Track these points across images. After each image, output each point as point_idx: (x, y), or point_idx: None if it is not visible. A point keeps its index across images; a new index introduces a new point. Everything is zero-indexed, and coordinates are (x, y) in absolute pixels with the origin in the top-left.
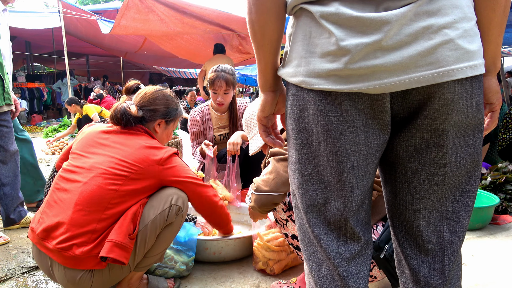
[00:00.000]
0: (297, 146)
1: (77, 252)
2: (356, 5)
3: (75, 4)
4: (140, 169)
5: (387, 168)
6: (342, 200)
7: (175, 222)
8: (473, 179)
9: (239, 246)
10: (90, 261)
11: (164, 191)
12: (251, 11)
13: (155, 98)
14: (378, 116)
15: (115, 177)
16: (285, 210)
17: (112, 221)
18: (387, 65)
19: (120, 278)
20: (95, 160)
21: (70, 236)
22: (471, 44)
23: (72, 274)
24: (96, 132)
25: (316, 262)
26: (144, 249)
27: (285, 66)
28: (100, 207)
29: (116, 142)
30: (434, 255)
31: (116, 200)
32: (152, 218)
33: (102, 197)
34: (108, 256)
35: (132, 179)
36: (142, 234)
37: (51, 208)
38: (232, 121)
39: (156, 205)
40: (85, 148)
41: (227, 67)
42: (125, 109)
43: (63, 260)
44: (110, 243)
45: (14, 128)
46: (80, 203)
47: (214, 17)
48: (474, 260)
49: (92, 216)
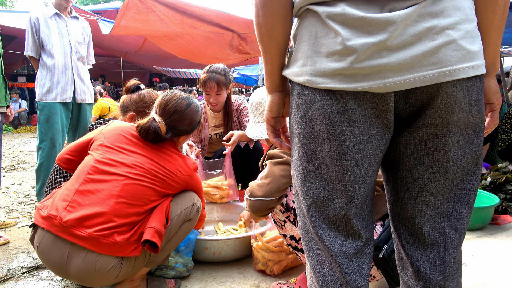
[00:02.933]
0: (301, 144)
1: (118, 239)
2: (362, 6)
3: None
4: (176, 177)
5: (389, 166)
6: (345, 198)
7: (193, 219)
8: (474, 177)
9: (239, 246)
10: (127, 247)
11: (186, 192)
12: (259, 14)
13: (184, 119)
14: (382, 115)
15: (155, 178)
16: (283, 212)
17: (146, 214)
18: (392, 64)
19: (139, 270)
20: (135, 159)
21: (112, 226)
22: (473, 45)
23: (106, 261)
24: (128, 129)
25: (318, 260)
26: (166, 240)
27: (290, 66)
28: (141, 202)
29: (152, 146)
30: (435, 252)
31: (154, 197)
32: (178, 213)
33: (144, 193)
34: (152, 240)
35: (168, 184)
36: (169, 226)
37: (84, 197)
38: (227, 120)
39: (181, 202)
40: (119, 144)
41: (219, 67)
42: (157, 130)
43: (100, 247)
44: (153, 229)
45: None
46: (123, 196)
47: (214, 18)
48: (474, 260)
49: (134, 209)
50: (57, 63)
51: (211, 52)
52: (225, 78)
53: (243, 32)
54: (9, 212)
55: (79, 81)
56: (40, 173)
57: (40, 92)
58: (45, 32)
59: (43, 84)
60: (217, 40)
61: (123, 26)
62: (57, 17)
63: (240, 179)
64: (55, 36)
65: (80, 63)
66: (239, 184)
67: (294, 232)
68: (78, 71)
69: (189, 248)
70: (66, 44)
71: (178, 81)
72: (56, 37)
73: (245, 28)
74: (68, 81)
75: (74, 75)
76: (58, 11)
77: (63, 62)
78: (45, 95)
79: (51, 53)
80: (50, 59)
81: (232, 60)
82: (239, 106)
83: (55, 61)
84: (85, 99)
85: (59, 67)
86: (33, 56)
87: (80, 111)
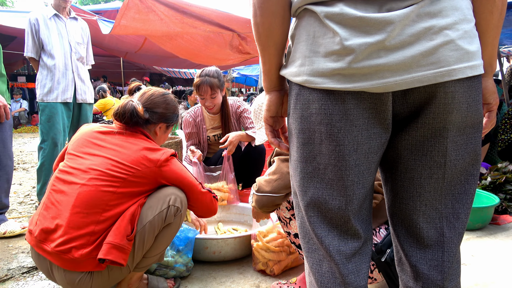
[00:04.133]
0: (299, 144)
1: (76, 255)
2: (360, 6)
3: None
4: (138, 171)
5: (388, 166)
6: (343, 198)
7: (173, 223)
8: (472, 177)
9: (239, 246)
10: (89, 263)
11: (162, 191)
12: (256, 14)
13: (162, 102)
14: (380, 115)
15: (112, 179)
16: (289, 209)
17: (110, 222)
18: (390, 64)
19: (120, 279)
20: (91, 161)
21: (68, 239)
22: (471, 45)
23: (72, 276)
24: (91, 132)
25: (317, 260)
26: (143, 250)
27: (288, 66)
28: (98, 209)
29: (113, 143)
30: (434, 252)
31: (114, 202)
32: (150, 219)
33: (100, 199)
34: (106, 258)
35: (129, 181)
36: (140, 235)
37: (48, 210)
38: (225, 122)
39: (154, 205)
40: (80, 149)
41: (212, 70)
42: (135, 108)
43: (62, 262)
44: (108, 245)
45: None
46: (77, 205)
47: (214, 17)
48: (474, 260)
49: (90, 218)
50: (57, 63)
51: (211, 52)
52: (218, 80)
53: (243, 31)
54: (9, 212)
55: (80, 81)
56: (41, 173)
57: (41, 92)
58: (45, 33)
59: (44, 84)
60: (217, 40)
61: (123, 26)
62: (56, 18)
63: (241, 179)
64: (55, 37)
65: (80, 64)
66: (239, 184)
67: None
68: (78, 71)
69: (188, 247)
70: (66, 45)
71: (178, 81)
72: (56, 38)
73: (245, 27)
74: (69, 82)
75: (75, 76)
76: (57, 12)
77: (64, 62)
78: (46, 96)
79: (51, 54)
80: (51, 59)
81: (232, 60)
82: (238, 108)
83: (55, 62)
84: (86, 99)
85: (59, 67)
86: (33, 57)
87: (81, 111)
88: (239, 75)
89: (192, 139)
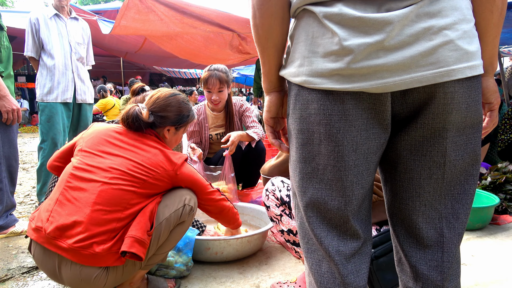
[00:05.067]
0: (298, 145)
1: (98, 250)
2: (358, 6)
3: (75, 4)
4: (157, 174)
5: (387, 167)
6: (343, 198)
7: (186, 221)
8: (472, 177)
9: (241, 246)
10: (109, 257)
11: (177, 191)
12: (255, 16)
13: (168, 105)
14: (379, 116)
15: (133, 179)
16: (279, 205)
17: (130, 219)
18: (389, 64)
19: (131, 275)
20: (111, 161)
21: (90, 235)
22: (470, 45)
23: (89, 272)
24: (107, 130)
25: (316, 260)
26: (157, 246)
27: (287, 66)
28: (120, 207)
29: (130, 144)
30: (433, 252)
31: (135, 200)
32: (167, 216)
33: (122, 198)
34: (130, 251)
35: (149, 183)
36: (156, 231)
37: (64, 207)
38: (229, 120)
39: (170, 204)
40: (96, 147)
41: (220, 66)
42: (137, 113)
43: (81, 258)
44: (131, 239)
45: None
46: (99, 203)
47: (214, 17)
48: (474, 260)
49: (112, 215)
50: (57, 63)
51: (211, 52)
52: (226, 75)
53: (243, 31)
54: None
55: (80, 81)
56: (41, 173)
57: (41, 92)
58: (45, 32)
59: (44, 84)
60: (217, 40)
61: (123, 26)
62: (56, 18)
63: (241, 179)
64: (55, 36)
65: (80, 64)
66: (239, 184)
67: (290, 225)
68: (78, 71)
69: (188, 246)
70: (66, 45)
71: (178, 81)
72: (56, 38)
73: (245, 27)
74: (69, 82)
75: (75, 76)
76: (57, 12)
77: (63, 62)
78: (46, 96)
79: (51, 53)
80: (50, 59)
81: (232, 60)
82: (241, 107)
83: (55, 62)
84: (86, 99)
85: (59, 67)
86: (33, 56)
87: (81, 111)
88: (239, 75)
89: (194, 138)
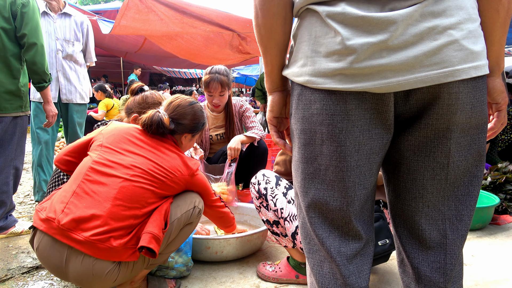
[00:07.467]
0: (300, 145)
1: (115, 244)
2: (362, 5)
3: (75, 4)
4: (175, 177)
5: (390, 167)
6: (345, 199)
7: (194, 222)
8: (475, 178)
9: (241, 245)
10: (124, 252)
11: (188, 193)
12: (258, 16)
13: (188, 113)
14: (382, 116)
15: (153, 179)
16: (257, 198)
17: (145, 217)
18: (393, 64)
19: (138, 273)
20: (133, 159)
21: (108, 229)
22: (475, 45)
23: (103, 266)
24: (128, 129)
25: (318, 261)
26: (166, 244)
27: (290, 66)
28: (139, 204)
29: (151, 146)
30: (436, 254)
31: (152, 200)
32: (178, 217)
33: (141, 196)
34: (148, 246)
35: (166, 184)
36: (168, 230)
37: (81, 200)
38: (229, 121)
39: (182, 205)
40: (118, 144)
41: (221, 68)
42: (161, 120)
43: (96, 251)
44: (150, 235)
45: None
46: (120, 198)
47: (214, 17)
48: (475, 260)
49: (131, 212)
50: None
51: (211, 52)
52: (227, 78)
53: (243, 31)
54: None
55: (65, 80)
56: (33, 172)
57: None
58: None
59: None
60: (217, 40)
61: (123, 26)
62: (45, 16)
63: (243, 179)
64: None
65: (67, 62)
66: (240, 184)
67: (267, 216)
68: (64, 70)
69: (188, 246)
70: (51, 43)
71: (178, 81)
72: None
73: (245, 27)
74: (53, 81)
75: (59, 74)
76: (46, 10)
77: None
78: (31, 95)
79: None
80: None
81: (232, 60)
82: (241, 107)
83: None
84: (71, 99)
85: None
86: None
87: (68, 112)
88: (239, 75)
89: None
